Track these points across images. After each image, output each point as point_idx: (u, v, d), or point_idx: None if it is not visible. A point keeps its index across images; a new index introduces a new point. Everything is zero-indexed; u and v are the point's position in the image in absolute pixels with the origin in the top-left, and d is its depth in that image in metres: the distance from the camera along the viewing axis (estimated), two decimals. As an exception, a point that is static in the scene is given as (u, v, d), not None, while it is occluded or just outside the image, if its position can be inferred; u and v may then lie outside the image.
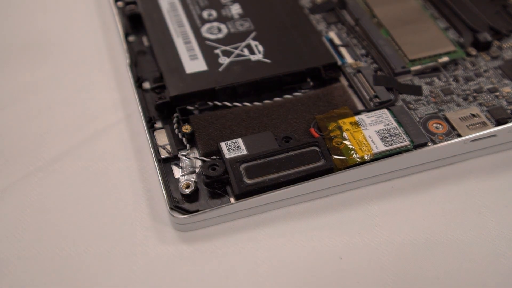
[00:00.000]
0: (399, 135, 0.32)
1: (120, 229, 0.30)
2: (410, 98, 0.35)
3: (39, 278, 0.28)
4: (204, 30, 0.39)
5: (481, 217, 0.31)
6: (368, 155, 0.31)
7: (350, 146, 0.31)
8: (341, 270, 0.29)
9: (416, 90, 0.35)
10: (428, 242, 0.30)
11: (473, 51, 0.38)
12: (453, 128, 0.33)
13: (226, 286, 0.28)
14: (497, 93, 0.35)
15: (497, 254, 0.30)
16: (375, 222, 0.31)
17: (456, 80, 0.36)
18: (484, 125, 0.33)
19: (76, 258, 0.29)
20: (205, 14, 0.40)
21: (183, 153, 0.32)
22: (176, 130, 0.33)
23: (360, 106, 0.35)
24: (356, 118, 0.32)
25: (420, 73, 0.36)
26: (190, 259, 0.29)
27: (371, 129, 0.32)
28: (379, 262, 0.29)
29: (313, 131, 0.32)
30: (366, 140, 0.31)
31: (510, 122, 0.33)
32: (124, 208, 0.31)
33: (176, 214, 0.29)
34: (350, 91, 0.36)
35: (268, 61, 0.36)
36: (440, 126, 0.33)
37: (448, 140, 0.32)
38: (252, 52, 0.37)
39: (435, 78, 0.36)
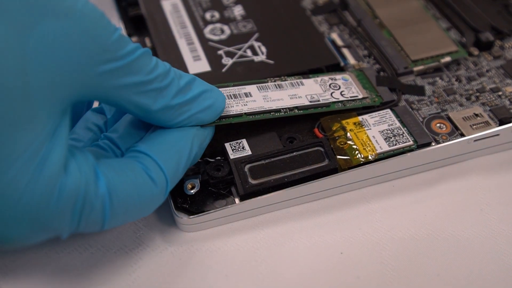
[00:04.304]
0: (402, 135, 0.32)
1: (124, 230, 0.30)
2: (413, 98, 0.35)
3: (39, 278, 0.28)
4: (207, 31, 0.39)
5: (483, 214, 0.31)
6: (372, 155, 0.31)
7: (354, 146, 0.31)
8: (342, 264, 0.29)
9: (419, 90, 0.35)
10: (430, 238, 0.30)
11: (475, 51, 0.38)
12: (457, 128, 0.33)
13: (227, 285, 0.28)
14: (500, 93, 0.35)
15: (498, 251, 0.30)
16: (376, 217, 0.31)
17: (458, 80, 0.36)
18: (487, 125, 0.33)
19: (78, 257, 0.29)
20: (207, 15, 0.40)
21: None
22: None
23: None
24: (360, 118, 0.33)
25: (422, 74, 0.37)
26: (194, 259, 0.29)
27: (374, 129, 0.32)
28: (380, 257, 0.29)
29: (317, 131, 0.33)
30: (370, 140, 0.31)
31: (513, 121, 0.33)
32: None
33: (181, 215, 0.29)
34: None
35: (271, 62, 0.36)
36: (444, 126, 0.33)
37: (451, 140, 0.32)
38: (255, 53, 0.37)
39: (437, 78, 0.36)
